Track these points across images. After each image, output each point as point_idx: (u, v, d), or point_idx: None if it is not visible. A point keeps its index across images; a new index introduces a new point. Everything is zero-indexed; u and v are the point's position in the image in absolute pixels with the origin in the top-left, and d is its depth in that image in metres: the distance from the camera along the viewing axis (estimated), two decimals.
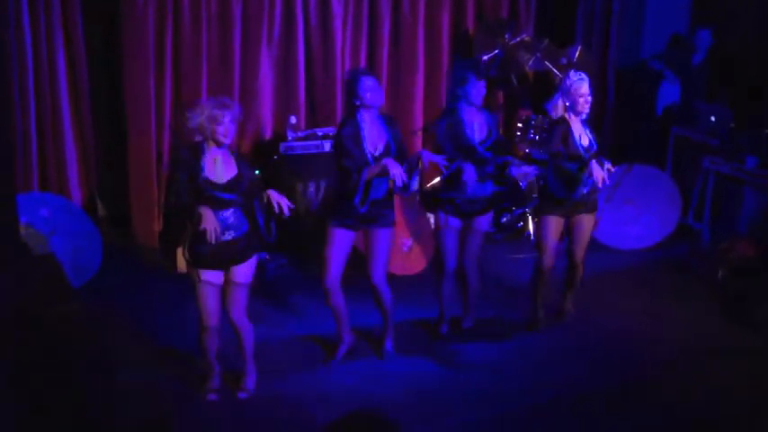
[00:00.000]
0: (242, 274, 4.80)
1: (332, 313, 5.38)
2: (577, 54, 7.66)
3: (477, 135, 5.44)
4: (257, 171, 4.93)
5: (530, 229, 7.58)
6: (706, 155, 7.55)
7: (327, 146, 7.31)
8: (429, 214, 7.13)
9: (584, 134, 5.60)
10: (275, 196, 4.73)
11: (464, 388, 5.19)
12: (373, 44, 7.76)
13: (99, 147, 7.09)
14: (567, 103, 5.57)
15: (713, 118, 7.68)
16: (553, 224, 5.67)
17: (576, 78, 5.52)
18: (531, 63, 7.76)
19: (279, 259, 6.84)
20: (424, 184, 7.08)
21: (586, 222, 5.75)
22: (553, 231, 5.69)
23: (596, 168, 5.36)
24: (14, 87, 6.50)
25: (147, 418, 4.64)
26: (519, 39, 7.82)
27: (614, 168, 5.67)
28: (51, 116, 6.82)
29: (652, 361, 5.52)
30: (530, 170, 5.76)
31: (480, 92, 5.39)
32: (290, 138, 7.30)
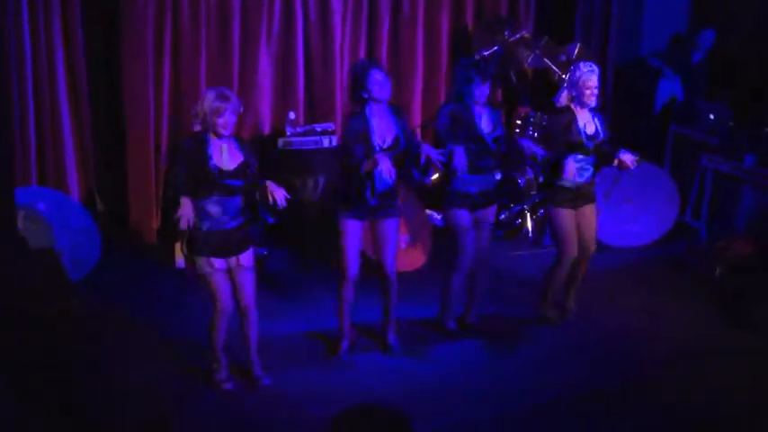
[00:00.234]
0: (247, 258, 4.88)
1: (339, 307, 5.36)
2: (576, 51, 7.66)
3: (484, 127, 5.44)
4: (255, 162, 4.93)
5: (528, 227, 7.58)
6: (705, 153, 7.55)
7: (326, 142, 7.32)
8: (430, 211, 7.16)
9: (590, 123, 5.58)
10: (272, 187, 4.74)
11: (464, 387, 5.17)
12: (372, 40, 7.74)
13: (97, 143, 7.06)
14: (574, 94, 5.54)
15: (712, 116, 7.69)
16: (568, 214, 5.65)
17: (586, 70, 5.46)
18: (531, 60, 7.76)
19: (278, 254, 6.82)
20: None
21: (590, 213, 5.73)
22: (569, 220, 5.65)
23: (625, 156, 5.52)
24: (13, 84, 6.46)
25: (147, 418, 4.62)
26: (518, 36, 7.82)
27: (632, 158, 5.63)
28: (50, 112, 6.78)
29: (651, 360, 5.51)
30: (538, 150, 5.65)
31: (484, 92, 5.38)
32: (289, 133, 7.29)
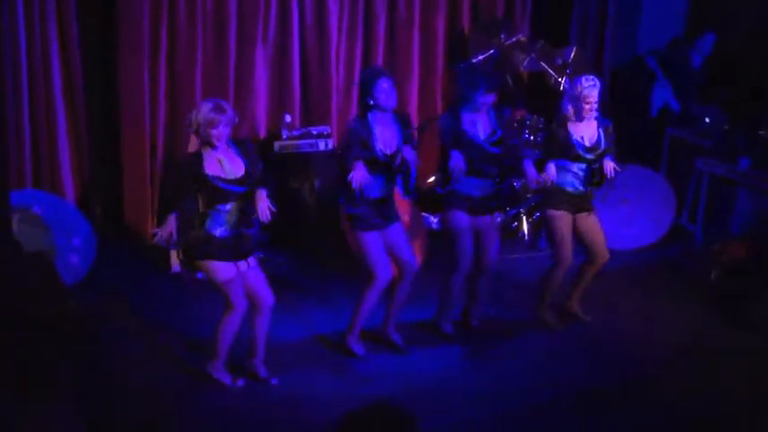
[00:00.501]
0: (253, 260, 4.94)
1: (357, 309, 5.38)
2: (572, 54, 7.67)
3: (480, 132, 5.43)
4: (261, 165, 4.92)
5: (524, 230, 7.59)
6: (700, 156, 7.58)
7: (322, 145, 7.30)
8: (425, 214, 7.16)
9: (591, 133, 5.61)
10: (260, 197, 4.73)
11: (463, 387, 5.18)
12: (369, 42, 7.73)
13: (93, 144, 7.02)
14: (573, 107, 5.57)
15: (708, 119, 7.71)
16: (564, 218, 5.67)
17: (588, 85, 5.46)
18: (527, 63, 7.77)
19: (276, 258, 6.80)
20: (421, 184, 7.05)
21: (593, 222, 5.76)
22: (566, 225, 5.67)
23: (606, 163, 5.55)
24: (8, 84, 6.43)
25: (147, 418, 4.61)
26: (514, 39, 7.83)
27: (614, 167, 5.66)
28: (45, 113, 6.74)
29: (650, 360, 5.52)
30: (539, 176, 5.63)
31: (488, 101, 5.39)
32: (285, 136, 7.28)
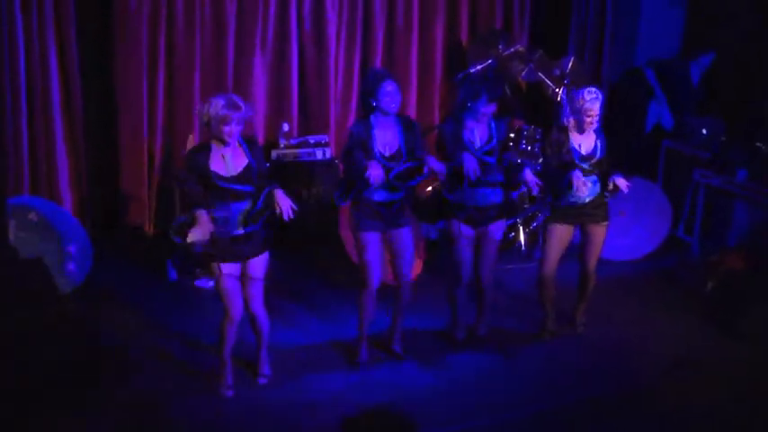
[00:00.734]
0: (256, 269, 4.87)
1: (360, 316, 5.39)
2: (570, 65, 7.69)
3: (477, 141, 5.44)
4: (267, 164, 4.91)
5: (521, 240, 7.58)
6: (697, 168, 7.59)
7: (320, 153, 7.32)
8: (423, 223, 7.15)
9: (588, 143, 5.60)
10: (280, 196, 4.69)
11: (459, 397, 5.17)
12: (367, 51, 7.76)
13: (90, 150, 7.04)
14: (574, 119, 5.57)
15: (704, 131, 7.73)
16: (557, 232, 5.66)
17: (590, 98, 5.44)
18: (525, 74, 7.79)
19: (274, 263, 6.77)
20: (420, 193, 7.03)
21: (596, 231, 5.71)
22: (557, 239, 5.66)
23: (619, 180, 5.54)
24: (6, 90, 6.44)
25: (147, 419, 4.62)
26: (512, 49, 7.85)
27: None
28: (43, 120, 6.76)
29: (645, 370, 5.51)
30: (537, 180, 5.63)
31: (489, 110, 5.40)
32: (283, 145, 7.29)
